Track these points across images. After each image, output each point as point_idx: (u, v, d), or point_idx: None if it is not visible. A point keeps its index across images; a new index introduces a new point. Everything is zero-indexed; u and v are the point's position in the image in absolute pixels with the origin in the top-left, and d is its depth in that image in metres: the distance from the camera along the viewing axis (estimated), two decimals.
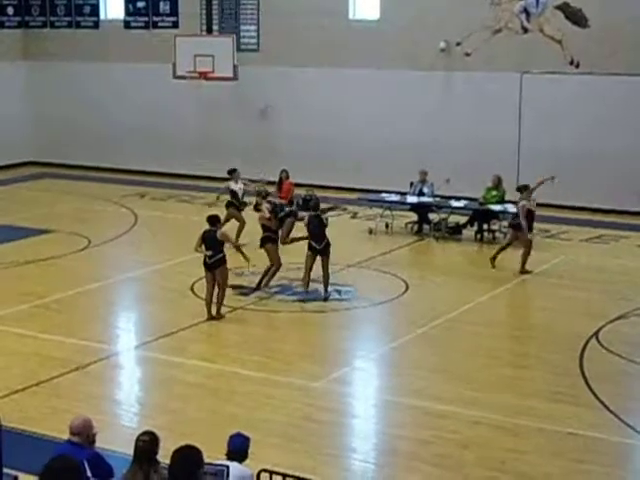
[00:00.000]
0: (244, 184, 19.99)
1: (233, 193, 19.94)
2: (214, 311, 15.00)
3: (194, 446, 6.24)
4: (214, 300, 15.01)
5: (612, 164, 22.59)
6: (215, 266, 14.92)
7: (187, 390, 12.27)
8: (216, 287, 14.96)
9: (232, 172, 20.10)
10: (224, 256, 14.99)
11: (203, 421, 11.19)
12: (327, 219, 16.32)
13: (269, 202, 17.05)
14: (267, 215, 16.59)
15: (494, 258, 17.98)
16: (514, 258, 17.90)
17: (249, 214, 19.45)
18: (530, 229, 17.83)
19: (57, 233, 20.91)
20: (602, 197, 22.73)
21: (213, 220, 15.18)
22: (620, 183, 22.52)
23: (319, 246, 16.18)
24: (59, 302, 15.99)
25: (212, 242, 14.94)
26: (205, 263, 15.03)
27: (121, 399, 12.31)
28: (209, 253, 14.89)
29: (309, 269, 16.35)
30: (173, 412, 11.50)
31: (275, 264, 16.54)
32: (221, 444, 8.01)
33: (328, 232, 16.27)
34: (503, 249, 18.09)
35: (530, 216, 17.80)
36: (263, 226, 16.59)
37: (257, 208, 18.24)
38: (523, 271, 17.72)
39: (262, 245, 16.62)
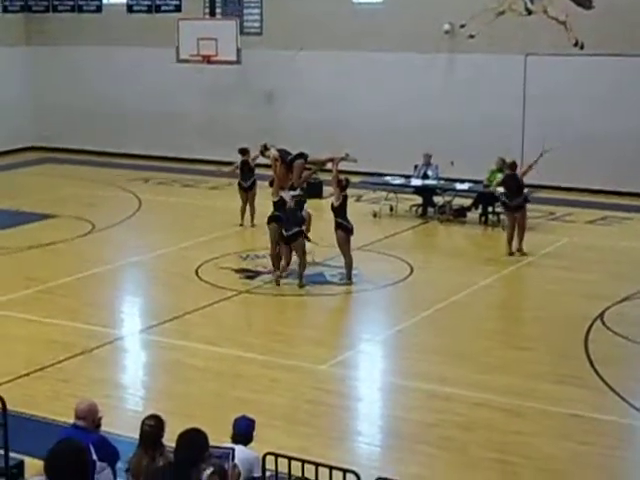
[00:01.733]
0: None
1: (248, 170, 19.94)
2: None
3: (199, 429, 6.25)
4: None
5: (617, 145, 22.54)
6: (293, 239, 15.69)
7: (192, 374, 12.29)
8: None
9: (245, 151, 20.11)
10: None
11: (208, 404, 11.20)
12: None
13: (277, 149, 17.12)
14: (276, 155, 16.59)
15: (511, 247, 17.84)
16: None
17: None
18: None
19: (61, 218, 20.91)
20: (607, 179, 22.68)
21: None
22: (624, 165, 22.47)
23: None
24: (63, 287, 16.00)
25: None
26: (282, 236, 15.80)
27: (126, 383, 12.33)
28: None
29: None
30: (178, 396, 11.51)
31: (273, 245, 16.41)
32: (226, 427, 8.04)
33: (328, 216, 16.28)
34: (512, 236, 17.94)
35: None
36: (274, 204, 16.39)
37: (263, 153, 18.37)
38: (523, 252, 17.73)
39: (269, 223, 16.49)
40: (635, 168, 22.34)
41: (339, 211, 15.99)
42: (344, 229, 15.95)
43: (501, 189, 18.60)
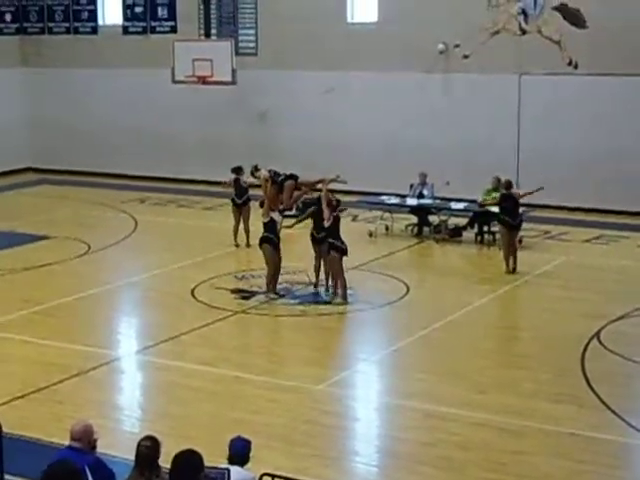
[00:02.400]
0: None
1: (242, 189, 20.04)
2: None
3: (194, 450, 6.23)
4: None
5: (611, 164, 22.57)
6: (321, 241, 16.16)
7: (188, 395, 12.25)
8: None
9: (239, 170, 20.20)
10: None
11: (204, 425, 11.17)
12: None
13: (267, 170, 17.21)
14: (266, 175, 16.75)
15: (508, 265, 17.87)
16: (519, 259, 17.89)
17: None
18: None
19: (57, 239, 20.89)
20: (601, 197, 22.71)
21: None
22: (619, 183, 22.49)
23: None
24: (59, 308, 15.97)
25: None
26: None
27: (122, 404, 12.30)
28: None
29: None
30: (174, 417, 11.48)
31: (270, 266, 16.44)
32: (223, 448, 8.00)
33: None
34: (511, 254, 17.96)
35: None
36: (264, 225, 16.45)
37: (254, 174, 18.42)
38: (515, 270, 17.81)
39: (260, 244, 16.53)
40: (630, 186, 22.37)
41: (331, 232, 15.97)
42: (337, 250, 15.94)
43: (496, 209, 18.62)
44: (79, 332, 14.75)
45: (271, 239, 16.27)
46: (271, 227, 16.26)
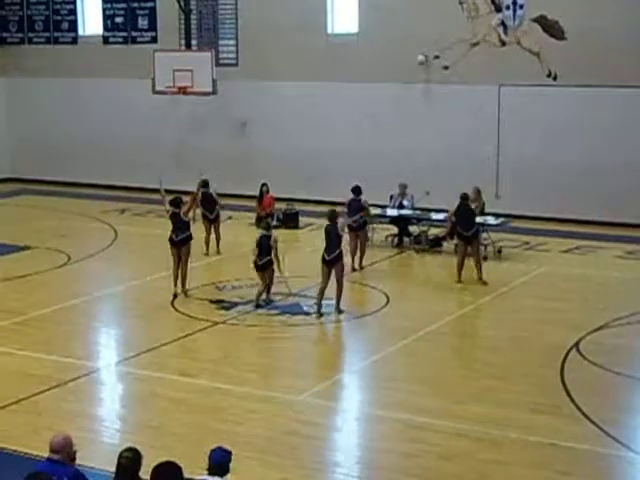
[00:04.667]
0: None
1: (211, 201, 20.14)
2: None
3: (173, 462, 6.23)
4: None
5: (589, 176, 22.71)
6: (266, 267, 16.30)
7: (168, 405, 12.22)
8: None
9: (206, 183, 20.31)
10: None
11: (185, 436, 11.14)
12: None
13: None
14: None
15: (460, 275, 17.95)
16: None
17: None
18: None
19: (36, 249, 20.82)
20: (579, 209, 22.82)
21: (267, 226, 16.75)
22: (596, 194, 22.63)
23: (259, 262, 16.42)
24: (39, 319, 15.90)
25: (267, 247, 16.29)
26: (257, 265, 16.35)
27: (102, 416, 12.24)
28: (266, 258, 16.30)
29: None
30: (154, 428, 11.45)
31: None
32: (203, 459, 7.97)
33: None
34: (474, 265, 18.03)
35: None
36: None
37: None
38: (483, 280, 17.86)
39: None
40: (607, 198, 22.51)
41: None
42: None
43: (453, 219, 18.59)
44: (58, 343, 14.68)
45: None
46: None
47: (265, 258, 16.30)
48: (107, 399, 13.05)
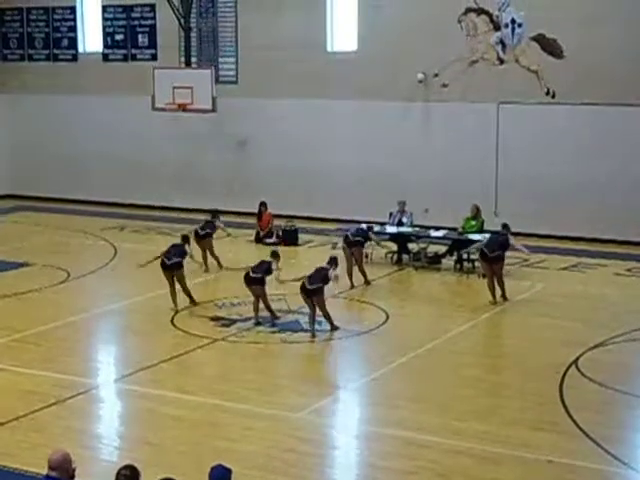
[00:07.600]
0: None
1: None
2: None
3: (172, 479, 6.22)
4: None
5: (587, 193, 22.77)
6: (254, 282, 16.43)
7: (167, 423, 12.21)
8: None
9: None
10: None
11: (184, 454, 11.13)
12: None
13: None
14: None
15: (493, 296, 17.92)
16: (497, 287, 17.96)
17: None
18: None
19: (36, 266, 20.84)
20: (578, 226, 22.87)
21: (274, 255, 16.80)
22: (595, 212, 22.67)
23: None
24: (38, 336, 15.90)
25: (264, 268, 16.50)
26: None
27: (101, 433, 12.23)
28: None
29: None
30: (153, 445, 11.44)
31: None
32: (202, 477, 7.97)
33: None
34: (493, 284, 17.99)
35: None
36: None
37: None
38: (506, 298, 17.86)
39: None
40: (605, 215, 22.55)
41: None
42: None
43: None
44: (58, 360, 14.67)
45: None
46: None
47: (257, 275, 16.29)
48: (106, 416, 13.04)
